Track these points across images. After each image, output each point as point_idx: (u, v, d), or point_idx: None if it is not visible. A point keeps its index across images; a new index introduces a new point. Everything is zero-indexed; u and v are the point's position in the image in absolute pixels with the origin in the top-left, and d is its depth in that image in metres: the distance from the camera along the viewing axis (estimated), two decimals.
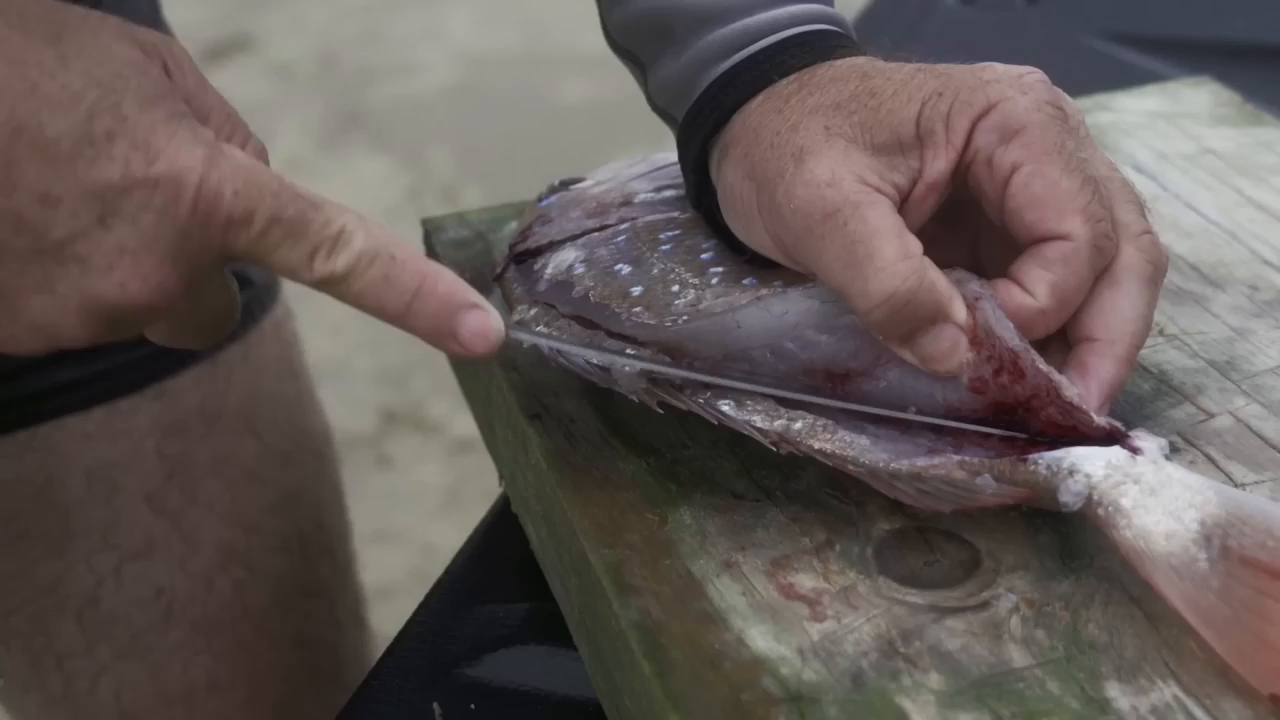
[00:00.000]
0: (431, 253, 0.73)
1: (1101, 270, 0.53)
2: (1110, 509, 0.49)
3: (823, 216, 0.51)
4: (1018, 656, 0.48)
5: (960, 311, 0.51)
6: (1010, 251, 0.53)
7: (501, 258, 0.66)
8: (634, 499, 0.55)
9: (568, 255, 0.62)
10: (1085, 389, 0.52)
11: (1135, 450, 0.50)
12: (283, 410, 0.89)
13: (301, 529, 0.90)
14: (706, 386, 0.54)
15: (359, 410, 2.26)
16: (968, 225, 0.56)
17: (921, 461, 0.51)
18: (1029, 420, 0.52)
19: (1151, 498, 0.49)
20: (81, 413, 0.80)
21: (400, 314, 0.49)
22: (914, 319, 0.51)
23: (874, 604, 0.50)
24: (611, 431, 0.59)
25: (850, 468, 0.52)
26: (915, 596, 0.50)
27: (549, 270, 0.62)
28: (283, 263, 0.48)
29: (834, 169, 0.52)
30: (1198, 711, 0.45)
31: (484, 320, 0.49)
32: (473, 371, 0.68)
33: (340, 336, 2.30)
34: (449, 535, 1.96)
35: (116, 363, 0.80)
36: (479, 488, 2.06)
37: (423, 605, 0.66)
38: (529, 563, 0.63)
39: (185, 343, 0.53)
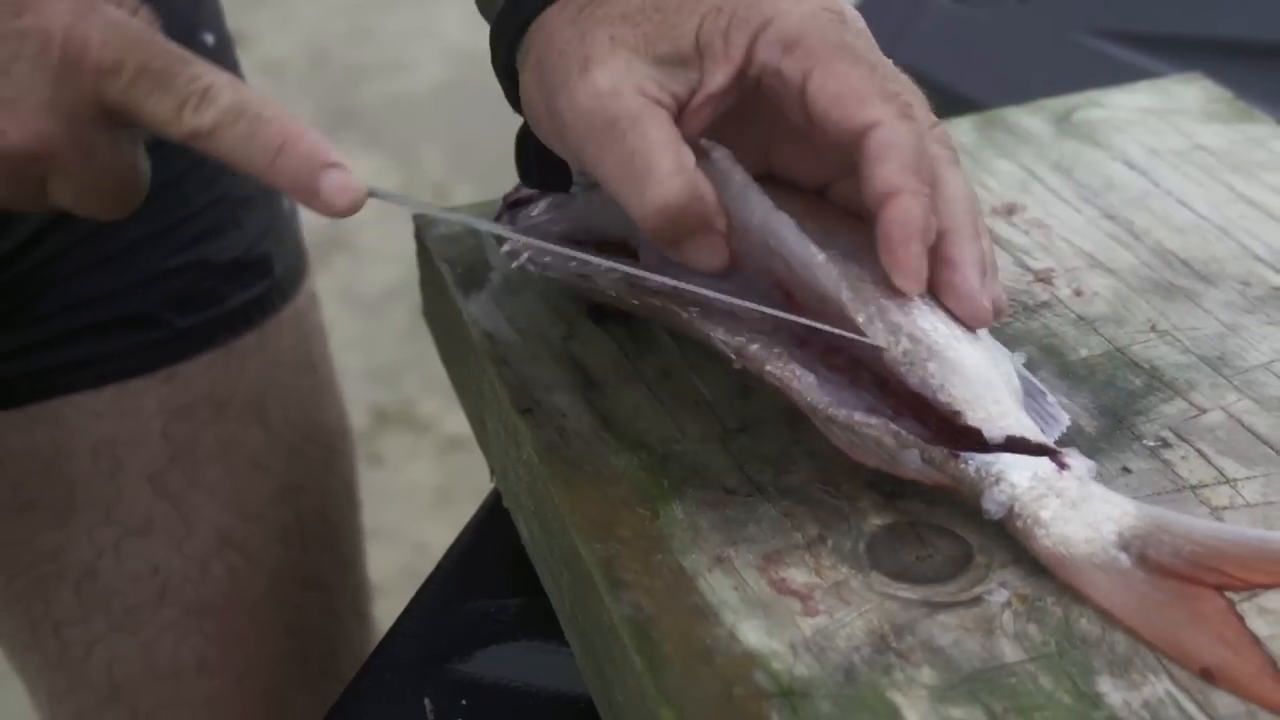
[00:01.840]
0: (423, 248, 0.73)
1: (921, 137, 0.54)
2: (1029, 520, 0.50)
3: (603, 125, 0.53)
4: (1010, 651, 0.48)
5: (723, 224, 0.54)
6: (804, 151, 0.56)
7: (492, 245, 0.66)
8: (625, 494, 0.55)
9: (558, 197, 0.63)
10: (962, 276, 0.54)
11: (1064, 465, 0.51)
12: (294, 402, 0.89)
13: (303, 521, 0.90)
14: (678, 299, 0.56)
15: (349, 408, 2.25)
16: (757, 128, 0.58)
17: (858, 416, 0.52)
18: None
19: (1071, 510, 0.50)
20: (92, 390, 0.82)
21: (265, 168, 0.52)
22: (684, 228, 0.54)
23: (866, 599, 0.50)
24: (603, 426, 0.59)
25: (795, 398, 0.53)
26: (907, 591, 0.50)
27: (537, 210, 0.63)
28: (153, 114, 0.51)
29: (615, 79, 0.54)
30: (1189, 706, 0.45)
31: (344, 178, 0.52)
32: (464, 366, 0.68)
33: (331, 335, 2.29)
34: (440, 533, 1.95)
35: (130, 344, 0.82)
36: (470, 486, 2.06)
37: (414, 601, 0.66)
38: (520, 558, 0.63)
39: (93, 209, 0.55)
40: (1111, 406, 0.58)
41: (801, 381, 0.53)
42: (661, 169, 0.52)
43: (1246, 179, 0.73)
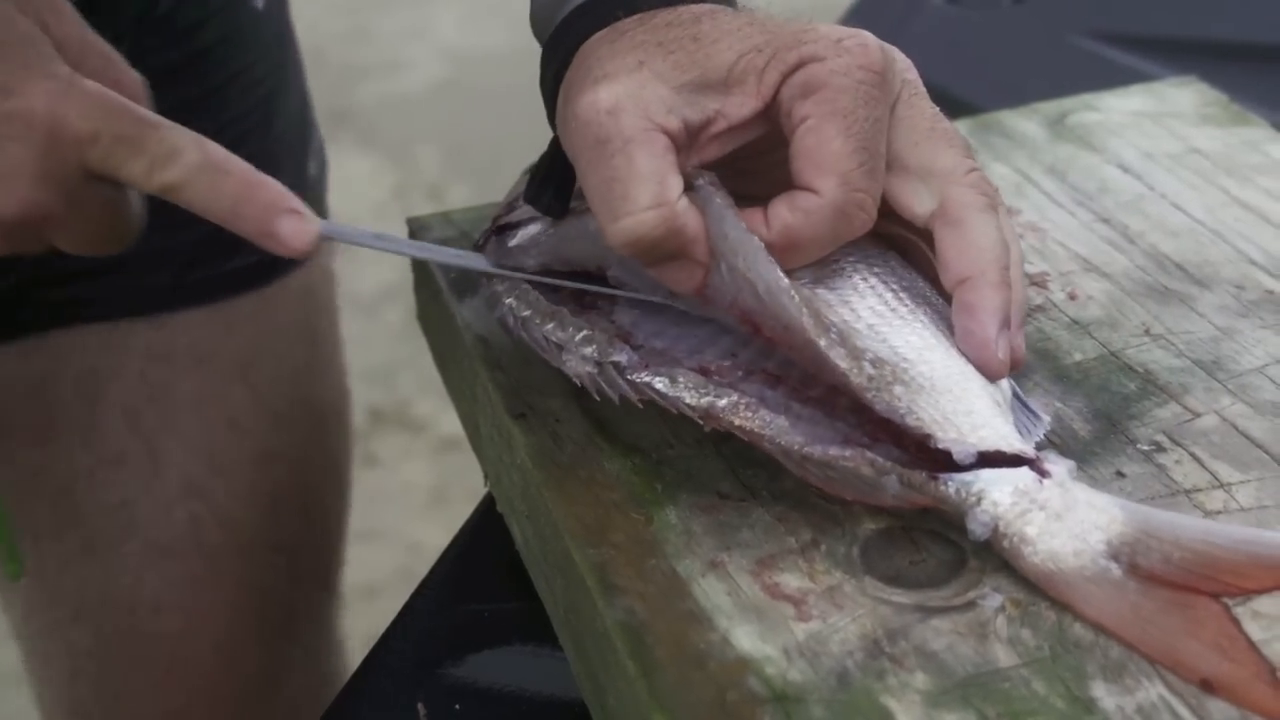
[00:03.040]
0: None
1: (851, 236, 0.55)
2: (1015, 540, 0.50)
3: (595, 142, 0.54)
4: (1003, 656, 0.47)
5: (701, 252, 0.54)
6: None
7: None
8: (619, 498, 0.55)
9: (534, 227, 0.63)
10: (978, 324, 0.54)
11: (1044, 474, 0.51)
12: (287, 371, 0.91)
13: (277, 488, 0.92)
14: (645, 366, 0.56)
15: None
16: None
17: (834, 450, 0.52)
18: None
19: (1057, 523, 0.50)
20: (83, 325, 0.86)
21: (229, 217, 0.56)
22: (657, 256, 0.55)
23: (859, 604, 0.50)
24: (597, 431, 0.59)
25: (766, 445, 0.53)
26: (901, 596, 0.50)
27: (516, 240, 0.63)
28: (129, 175, 0.56)
29: (619, 99, 0.54)
30: (1183, 711, 0.45)
31: (298, 223, 0.56)
32: (458, 370, 0.68)
33: None
34: (435, 534, 1.96)
35: (130, 288, 0.86)
36: (465, 486, 2.06)
37: (408, 605, 0.66)
38: (514, 562, 0.63)
39: (92, 250, 0.60)
40: (1105, 410, 0.58)
41: (773, 427, 0.53)
42: (638, 201, 0.53)
43: (1241, 182, 0.73)
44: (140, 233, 0.61)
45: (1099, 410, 0.58)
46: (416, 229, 0.73)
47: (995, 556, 0.51)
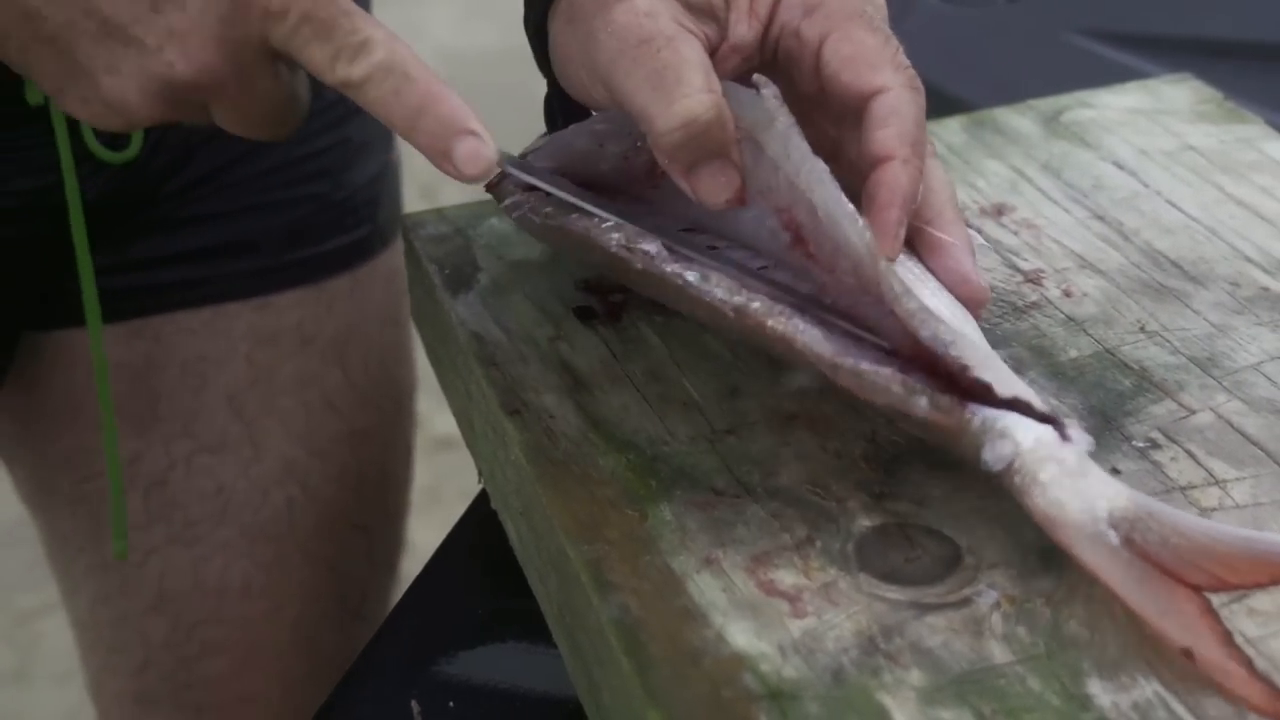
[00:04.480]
0: (411, 249, 0.72)
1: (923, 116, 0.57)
2: (1027, 478, 0.50)
3: (638, 41, 0.55)
4: (999, 653, 0.47)
5: (738, 155, 0.56)
6: (822, 124, 0.59)
7: (480, 248, 0.66)
8: (614, 495, 0.55)
9: (556, 136, 0.64)
10: (956, 260, 0.58)
11: (1066, 437, 0.51)
12: (375, 353, 0.93)
13: (362, 467, 0.93)
14: (675, 256, 0.56)
15: None
16: None
17: (865, 365, 0.52)
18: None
19: (1068, 479, 0.50)
20: (191, 309, 0.86)
21: (405, 127, 0.54)
22: (703, 150, 0.55)
23: (855, 600, 0.50)
24: (591, 427, 0.58)
25: (799, 350, 0.53)
26: (896, 593, 0.50)
27: (536, 155, 0.64)
28: (310, 61, 0.54)
29: (653, 4, 0.57)
30: (1179, 708, 0.45)
31: (478, 146, 0.54)
32: (452, 367, 0.68)
33: None
34: (428, 534, 1.95)
35: (233, 270, 0.86)
36: (458, 486, 2.05)
37: (401, 603, 0.66)
38: (508, 559, 0.63)
39: (251, 132, 0.57)
40: (1100, 407, 0.58)
41: (806, 335, 0.53)
42: (692, 83, 0.54)
43: (1236, 179, 0.73)
44: (301, 122, 0.58)
45: (1094, 407, 0.58)
46: (411, 225, 0.73)
47: (991, 553, 0.51)
